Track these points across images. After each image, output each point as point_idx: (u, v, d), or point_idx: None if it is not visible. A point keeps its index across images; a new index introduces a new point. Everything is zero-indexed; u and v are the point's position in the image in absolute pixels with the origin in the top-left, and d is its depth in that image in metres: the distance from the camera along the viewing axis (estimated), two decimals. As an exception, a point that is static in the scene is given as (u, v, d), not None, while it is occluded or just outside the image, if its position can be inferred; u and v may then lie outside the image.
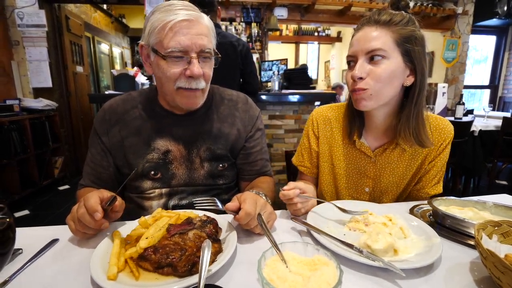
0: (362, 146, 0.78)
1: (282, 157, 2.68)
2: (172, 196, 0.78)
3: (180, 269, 0.44)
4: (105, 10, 5.01)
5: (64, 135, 3.34)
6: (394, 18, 0.65)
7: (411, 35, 0.65)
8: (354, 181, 0.82)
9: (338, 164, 0.83)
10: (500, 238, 0.49)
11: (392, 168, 0.78)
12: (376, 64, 0.65)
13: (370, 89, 0.66)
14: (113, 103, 0.79)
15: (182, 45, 0.64)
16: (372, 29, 0.65)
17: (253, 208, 0.55)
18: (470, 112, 3.28)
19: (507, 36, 4.87)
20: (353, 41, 0.69)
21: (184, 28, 0.64)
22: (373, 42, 0.64)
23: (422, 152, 0.76)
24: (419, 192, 0.80)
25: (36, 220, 2.40)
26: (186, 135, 0.77)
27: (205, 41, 0.67)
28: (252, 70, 2.00)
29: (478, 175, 2.80)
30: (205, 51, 0.67)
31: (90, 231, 0.55)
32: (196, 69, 0.65)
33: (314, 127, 0.86)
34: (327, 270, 0.39)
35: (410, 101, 0.69)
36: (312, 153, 0.87)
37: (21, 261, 0.50)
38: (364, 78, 0.66)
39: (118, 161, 0.77)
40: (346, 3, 3.53)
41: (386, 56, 0.64)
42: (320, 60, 8.09)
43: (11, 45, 2.98)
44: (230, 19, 3.54)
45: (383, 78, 0.65)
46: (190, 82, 0.67)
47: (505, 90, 5.02)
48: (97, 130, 0.77)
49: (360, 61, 0.66)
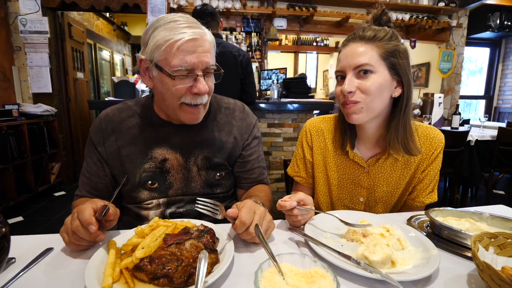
0: (356, 157, 0.79)
1: (281, 165, 2.68)
2: (169, 205, 0.78)
3: (176, 280, 0.44)
4: (108, 18, 5.10)
5: (63, 141, 3.33)
6: (378, 34, 0.68)
7: (395, 49, 0.68)
8: (349, 191, 0.83)
9: (332, 174, 0.84)
10: (497, 250, 0.49)
11: (385, 177, 0.79)
12: (364, 79, 0.68)
13: (362, 102, 0.68)
14: (109, 112, 0.79)
15: (189, 64, 0.64)
16: (358, 45, 0.68)
17: (248, 217, 0.54)
18: (466, 122, 3.33)
19: (500, 48, 4.99)
20: (340, 57, 0.72)
21: (191, 47, 0.65)
22: (360, 58, 0.67)
23: (414, 161, 0.77)
24: (414, 201, 0.80)
25: (30, 227, 2.35)
26: (183, 144, 0.77)
27: (209, 58, 0.68)
28: (251, 80, 2.03)
29: (476, 185, 2.81)
30: (210, 68, 0.69)
31: (84, 243, 0.54)
32: (203, 87, 0.67)
33: (308, 138, 0.87)
34: (324, 282, 0.39)
35: (398, 111, 0.72)
36: (307, 164, 0.88)
37: (14, 270, 0.49)
38: (354, 92, 0.68)
39: (114, 170, 0.76)
40: (344, 14, 3.62)
41: (373, 71, 0.67)
42: (318, 69, 8.20)
43: (13, 51, 3.01)
44: (231, 28, 3.61)
45: (372, 91, 0.67)
46: (195, 98, 0.68)
47: (500, 101, 5.11)
48: (93, 140, 0.76)
49: (349, 76, 0.68)
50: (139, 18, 5.28)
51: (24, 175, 2.72)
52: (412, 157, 0.76)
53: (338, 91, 0.72)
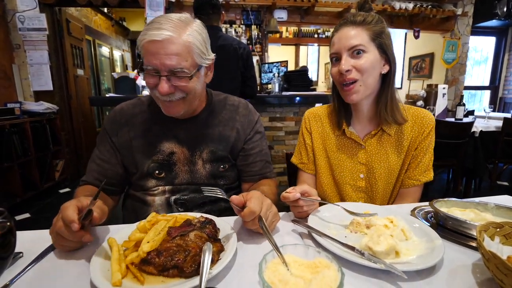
0: (352, 135, 0.86)
1: (283, 159, 2.68)
2: (174, 193, 0.82)
3: (186, 269, 0.45)
4: (106, 13, 5.05)
5: (65, 138, 3.35)
6: (367, 18, 0.77)
7: (382, 31, 0.77)
8: (349, 168, 0.88)
9: (332, 155, 0.90)
10: (502, 240, 0.48)
11: (381, 154, 0.85)
12: (358, 58, 0.75)
13: (359, 80, 0.76)
14: (123, 106, 0.85)
15: (152, 64, 0.67)
16: (350, 29, 0.76)
17: (258, 208, 0.55)
18: (470, 113, 3.28)
19: (507, 37, 4.88)
20: (334, 40, 0.79)
21: (154, 49, 0.66)
22: (353, 40, 0.75)
23: (407, 139, 0.83)
24: (410, 179, 0.84)
25: (37, 223, 2.40)
26: (190, 138, 0.82)
27: (174, 61, 0.66)
28: (252, 74, 2.00)
29: (480, 176, 2.79)
30: (176, 70, 0.67)
31: (70, 243, 0.52)
32: (161, 88, 0.67)
33: (307, 124, 0.95)
34: (328, 272, 0.39)
35: (386, 86, 0.80)
36: (308, 149, 0.94)
37: (21, 265, 0.50)
38: (351, 70, 0.75)
39: (125, 160, 0.81)
40: (345, 5, 3.55)
41: (365, 50, 0.75)
42: (320, 62, 8.10)
43: (12, 49, 3.00)
44: (230, 21, 3.55)
45: (366, 68, 0.75)
46: (163, 96, 0.70)
47: (505, 91, 5.02)
48: (107, 130, 0.82)
49: (344, 56, 0.76)
50: (137, 13, 5.21)
51: (29, 173, 2.75)
52: (404, 133, 0.83)
53: (335, 71, 0.79)
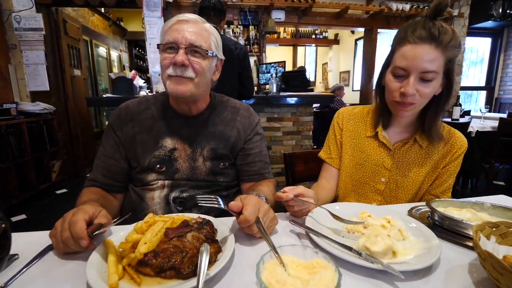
0: (384, 139, 0.84)
1: (281, 159, 2.68)
2: (174, 188, 0.81)
3: (184, 271, 0.45)
4: (103, 13, 5.03)
5: (62, 139, 3.32)
6: (451, 42, 0.67)
7: (455, 56, 0.69)
8: (372, 170, 0.86)
9: (359, 155, 0.89)
10: (498, 239, 0.49)
11: (408, 163, 0.83)
12: (426, 84, 0.69)
13: (417, 104, 0.72)
14: (129, 104, 0.88)
15: (173, 38, 0.73)
16: (432, 49, 0.66)
17: (253, 216, 0.55)
18: (467, 113, 3.31)
19: (502, 38, 4.92)
20: (407, 55, 0.68)
21: (180, 27, 0.74)
22: (431, 64, 0.67)
23: (437, 154, 0.82)
24: (429, 194, 0.84)
25: (33, 224, 2.37)
26: (192, 136, 0.84)
27: (195, 37, 0.73)
28: (249, 75, 2.01)
29: (476, 176, 2.81)
30: (194, 45, 0.73)
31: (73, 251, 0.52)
32: (179, 57, 0.72)
33: (339, 120, 0.94)
34: (326, 273, 0.39)
35: (436, 105, 0.76)
36: (337, 143, 0.93)
37: (17, 266, 0.50)
38: (415, 96, 0.70)
39: (129, 154, 0.83)
40: (343, 5, 3.56)
41: (436, 78, 0.69)
42: (317, 62, 8.13)
43: (8, 49, 2.97)
44: (228, 22, 3.55)
45: (428, 95, 0.71)
46: (175, 69, 0.73)
47: (501, 92, 5.07)
48: (112, 125, 0.84)
49: (413, 78, 0.69)
50: (135, 13, 5.20)
51: (26, 174, 2.72)
52: (436, 149, 0.81)
53: (396, 87, 0.72)
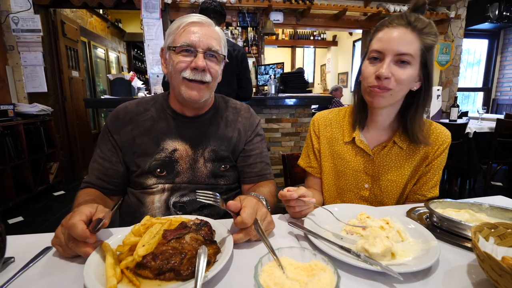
0: (362, 144, 0.81)
1: (279, 161, 2.68)
2: (174, 192, 0.80)
3: (183, 272, 0.44)
4: (101, 15, 5.02)
5: (60, 140, 3.31)
6: (426, 28, 0.67)
7: (433, 45, 0.68)
8: (354, 177, 0.84)
9: (339, 162, 0.86)
10: (497, 240, 0.49)
11: (389, 166, 0.81)
12: (401, 68, 0.67)
13: (393, 89, 0.68)
14: (127, 105, 0.85)
15: (191, 41, 0.73)
16: (407, 32, 0.66)
17: (250, 219, 0.54)
18: (464, 114, 3.33)
19: (499, 40, 4.97)
20: (383, 37, 0.68)
21: (196, 30, 0.74)
22: (406, 46, 0.65)
23: (419, 153, 0.79)
24: (416, 194, 0.82)
25: (30, 227, 2.35)
26: (193, 137, 0.82)
27: (212, 41, 0.74)
28: (247, 76, 2.01)
29: (474, 177, 2.82)
30: (212, 50, 0.74)
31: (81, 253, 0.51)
32: (200, 62, 0.72)
33: (315, 128, 0.91)
34: (324, 275, 0.39)
35: (415, 104, 0.74)
36: (316, 153, 0.91)
37: (12, 270, 0.49)
38: (390, 79, 0.67)
39: (127, 158, 0.81)
40: (341, 7, 3.58)
41: (411, 63, 0.67)
42: (316, 64, 8.16)
43: (6, 50, 2.96)
44: (227, 23, 3.56)
45: (404, 81, 0.68)
46: (195, 73, 0.73)
47: (498, 93, 5.11)
48: (109, 128, 0.82)
49: (388, 60, 0.67)
50: (133, 14, 5.20)
51: (23, 176, 2.70)
52: (417, 148, 0.78)
53: (370, 71, 0.70)
